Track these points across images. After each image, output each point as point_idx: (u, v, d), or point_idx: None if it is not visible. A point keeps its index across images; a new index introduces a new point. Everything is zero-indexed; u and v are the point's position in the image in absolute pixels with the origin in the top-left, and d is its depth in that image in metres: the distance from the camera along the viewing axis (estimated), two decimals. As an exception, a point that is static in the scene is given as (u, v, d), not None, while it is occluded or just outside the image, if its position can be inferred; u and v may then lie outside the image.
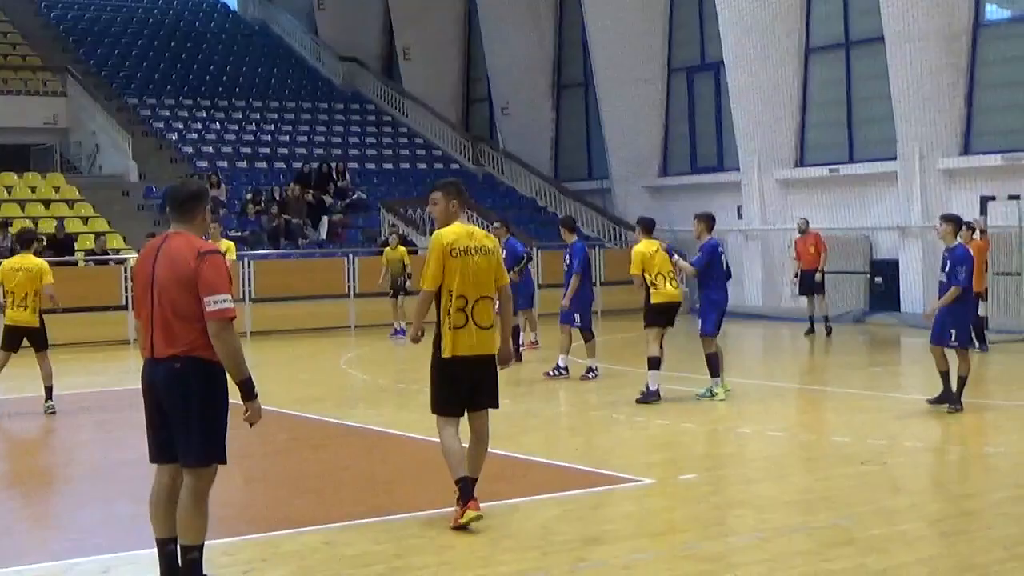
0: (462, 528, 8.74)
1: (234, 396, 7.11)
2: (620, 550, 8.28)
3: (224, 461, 7.18)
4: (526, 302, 20.81)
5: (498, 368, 9.28)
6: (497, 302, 9.27)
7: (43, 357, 15.92)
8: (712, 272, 15.79)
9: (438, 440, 8.86)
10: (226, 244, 18.59)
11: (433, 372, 9.15)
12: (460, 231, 9.18)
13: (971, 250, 20.73)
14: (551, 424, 14.43)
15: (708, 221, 16.26)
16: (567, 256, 18.26)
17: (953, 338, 13.88)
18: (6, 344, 15.87)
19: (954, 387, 13.91)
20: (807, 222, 25.80)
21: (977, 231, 21.65)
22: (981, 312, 21.55)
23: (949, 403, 13.85)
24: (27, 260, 15.89)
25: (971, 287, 14.05)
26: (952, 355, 14.02)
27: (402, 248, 26.28)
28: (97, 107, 35.95)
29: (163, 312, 7.04)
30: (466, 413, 9.20)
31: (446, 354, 8.99)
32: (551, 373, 17.68)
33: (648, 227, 16.24)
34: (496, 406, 9.28)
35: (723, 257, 15.99)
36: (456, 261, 9.00)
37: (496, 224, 21.49)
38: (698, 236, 16.21)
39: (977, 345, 20.85)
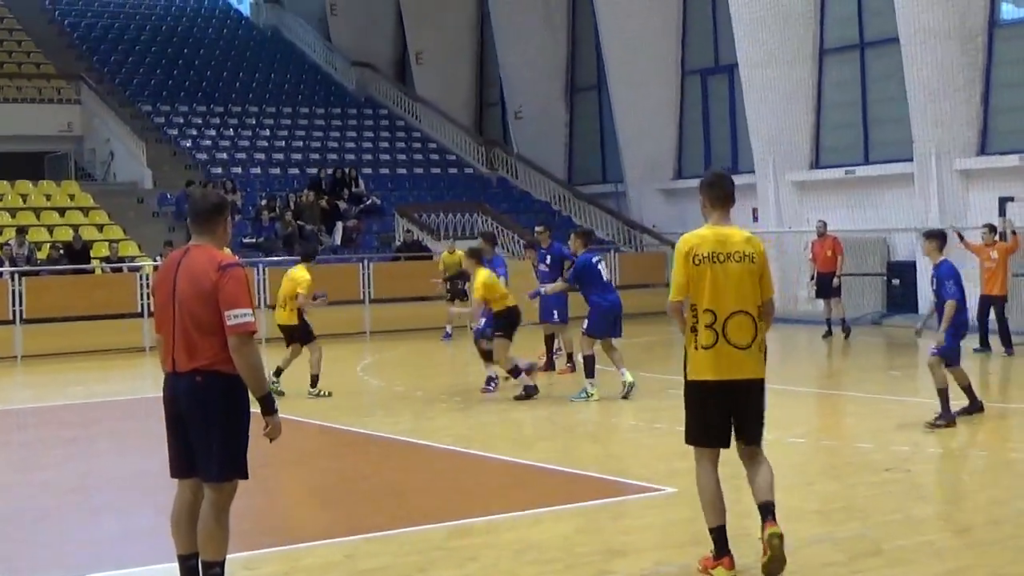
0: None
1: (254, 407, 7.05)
2: (644, 562, 8.20)
3: (246, 476, 7.11)
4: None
5: None
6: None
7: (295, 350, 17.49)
8: (592, 282, 16.44)
9: (457, 448, 8.57)
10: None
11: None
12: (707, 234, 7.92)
13: (995, 252, 20.74)
14: (569, 432, 14.33)
15: (584, 237, 17.28)
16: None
17: (938, 349, 13.46)
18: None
19: (961, 399, 13.70)
20: (825, 225, 25.67)
21: (1006, 232, 21.48)
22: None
23: (973, 411, 13.66)
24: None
25: (963, 299, 13.72)
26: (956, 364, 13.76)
27: (460, 252, 25.82)
28: (111, 114, 35.95)
29: (184, 326, 6.97)
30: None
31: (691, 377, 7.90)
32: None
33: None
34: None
35: (599, 266, 16.70)
36: (700, 269, 7.79)
37: (539, 229, 21.15)
38: (574, 251, 17.15)
39: (1004, 349, 20.68)
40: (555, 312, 19.16)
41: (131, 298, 25.83)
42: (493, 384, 17.13)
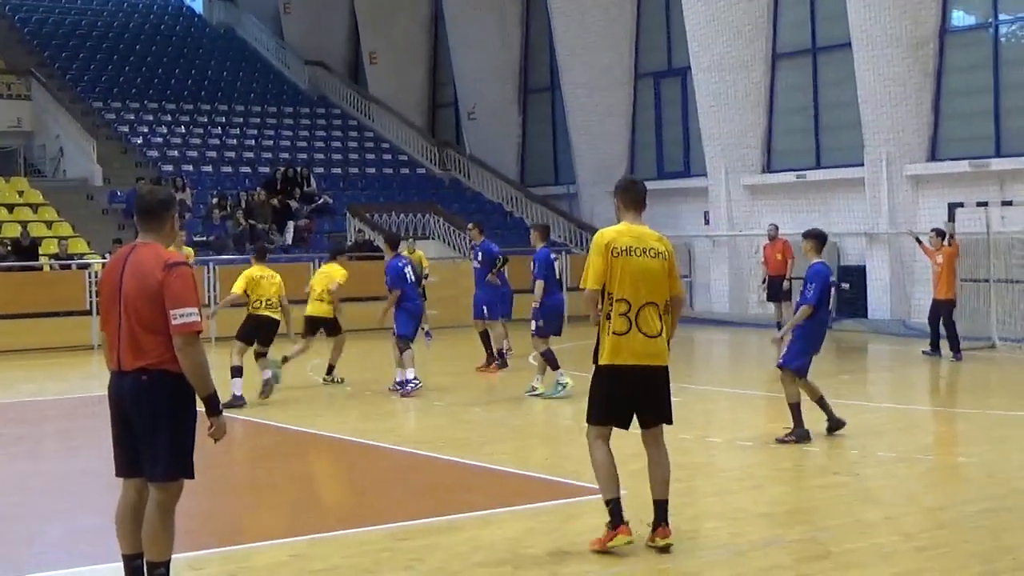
0: (602, 549, 8.28)
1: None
2: (593, 565, 8.16)
3: (191, 476, 7.04)
4: (507, 307, 20.69)
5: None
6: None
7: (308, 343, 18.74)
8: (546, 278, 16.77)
9: (406, 449, 8.64)
10: (187, 251, 18.66)
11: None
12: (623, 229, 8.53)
13: (940, 257, 20.98)
14: (520, 433, 14.30)
15: (542, 231, 17.75)
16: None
17: (786, 359, 12.85)
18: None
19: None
20: (777, 228, 25.78)
21: (947, 237, 21.71)
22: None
23: (835, 427, 12.90)
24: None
25: (819, 307, 12.73)
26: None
27: (420, 252, 25.77)
28: (61, 110, 35.65)
29: (130, 324, 6.89)
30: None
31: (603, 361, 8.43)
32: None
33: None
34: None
35: (555, 264, 17.30)
36: (619, 261, 8.36)
37: (470, 226, 21.45)
38: (534, 245, 17.38)
39: (952, 355, 20.84)
40: (484, 308, 19.58)
41: (80, 296, 25.62)
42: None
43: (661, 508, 8.42)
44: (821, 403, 12.97)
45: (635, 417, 8.55)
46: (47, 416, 16.61)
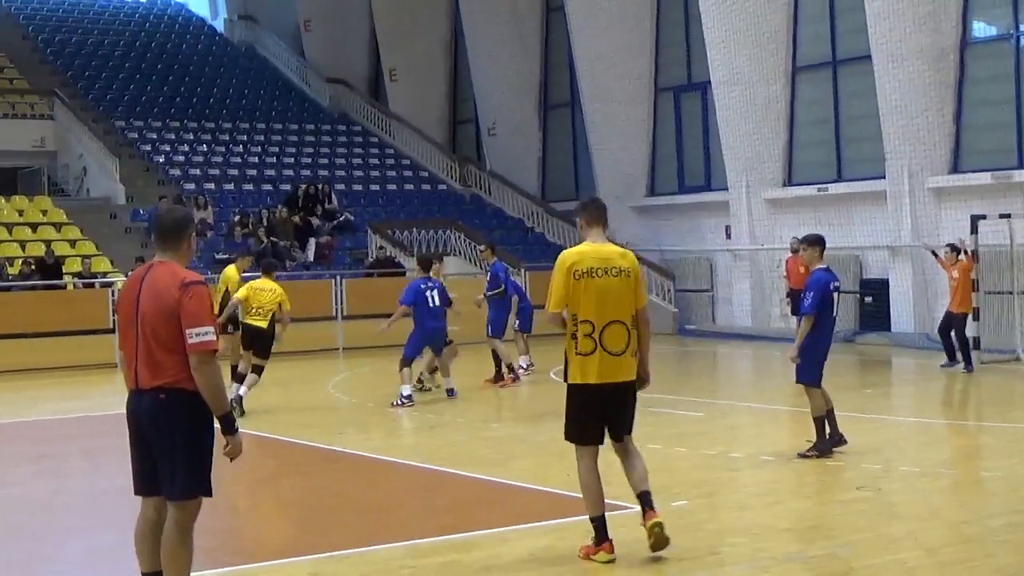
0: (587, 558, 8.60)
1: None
2: (614, 581, 8.14)
3: (209, 494, 7.03)
4: (526, 323, 21.14)
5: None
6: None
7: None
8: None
9: (427, 466, 8.71)
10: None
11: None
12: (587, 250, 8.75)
13: (956, 271, 20.98)
14: (541, 449, 14.27)
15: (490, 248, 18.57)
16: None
17: (799, 375, 12.75)
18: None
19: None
20: (799, 241, 25.65)
21: (963, 251, 21.69)
22: (971, 332, 21.53)
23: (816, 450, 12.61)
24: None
25: (822, 315, 12.53)
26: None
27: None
28: (84, 130, 35.84)
29: (147, 343, 6.90)
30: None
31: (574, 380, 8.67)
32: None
33: None
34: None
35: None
36: (581, 283, 8.55)
37: (482, 248, 21.53)
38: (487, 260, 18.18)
39: (963, 366, 20.80)
40: (489, 326, 20.15)
41: (103, 314, 25.67)
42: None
43: (646, 497, 8.63)
44: (829, 415, 12.81)
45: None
46: (70, 434, 16.65)
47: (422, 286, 17.95)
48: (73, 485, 12.98)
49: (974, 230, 22.94)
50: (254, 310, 17.16)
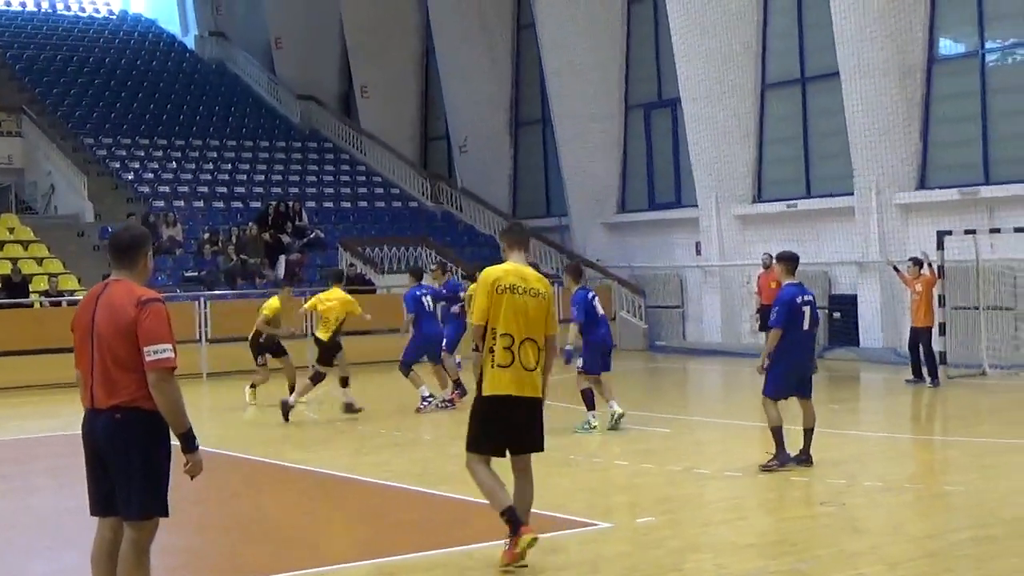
0: (517, 561, 8.78)
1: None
2: (577, 598, 8.14)
3: (166, 514, 7.00)
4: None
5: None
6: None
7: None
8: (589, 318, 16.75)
9: (395, 484, 8.80)
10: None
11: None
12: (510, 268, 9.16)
13: (919, 285, 21.09)
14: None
15: (575, 272, 17.62)
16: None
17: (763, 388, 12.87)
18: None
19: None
20: (771, 257, 25.71)
21: (924, 265, 21.83)
22: (938, 347, 21.64)
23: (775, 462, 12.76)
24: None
25: (790, 329, 12.63)
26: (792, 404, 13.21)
27: None
28: (52, 147, 35.68)
29: (103, 362, 6.87)
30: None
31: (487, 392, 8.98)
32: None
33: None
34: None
35: (595, 302, 16.86)
36: (503, 298, 8.94)
37: (433, 267, 21.67)
38: (568, 287, 17.37)
39: (929, 381, 20.89)
40: (445, 342, 19.95)
41: (70, 333, 25.47)
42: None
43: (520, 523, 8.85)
44: (807, 433, 13.03)
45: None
46: (36, 454, 16.58)
47: (418, 292, 19.13)
48: (36, 504, 12.91)
49: (940, 246, 23.10)
50: (321, 320, 18.42)
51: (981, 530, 9.92)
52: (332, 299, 18.62)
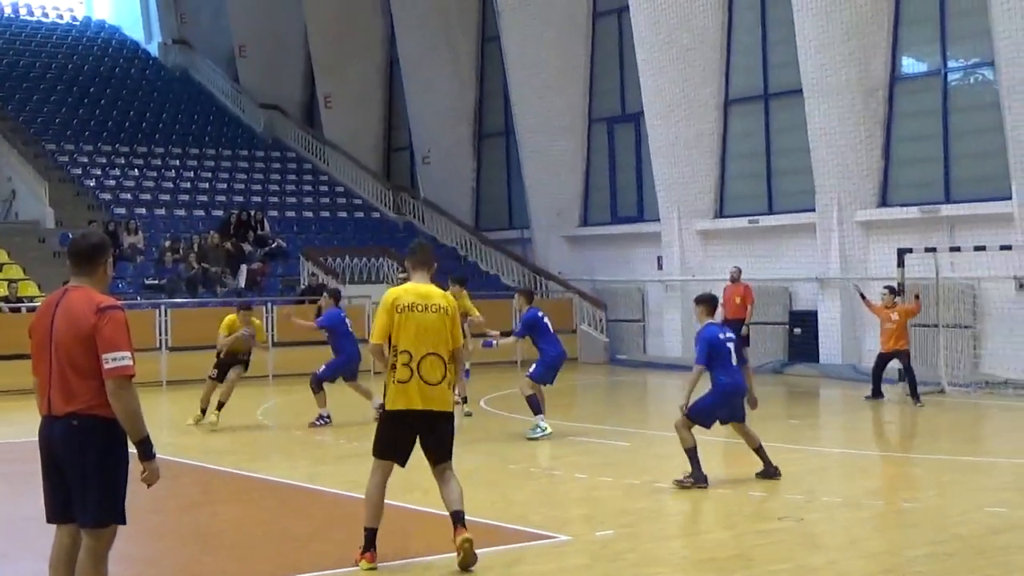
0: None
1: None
2: (534, 610, 8.13)
3: (123, 522, 6.95)
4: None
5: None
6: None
7: None
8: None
9: (355, 495, 8.94)
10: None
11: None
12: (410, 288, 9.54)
13: (896, 314, 20.89)
14: (467, 478, 14.22)
15: (526, 295, 18.21)
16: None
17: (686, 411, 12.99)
18: None
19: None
20: (740, 271, 25.88)
21: (910, 296, 21.77)
22: (896, 364, 21.69)
23: (769, 475, 13.06)
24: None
25: (720, 365, 12.83)
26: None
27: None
28: (14, 153, 35.47)
29: (61, 369, 6.83)
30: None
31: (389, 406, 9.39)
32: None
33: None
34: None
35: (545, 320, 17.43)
36: (402, 316, 9.31)
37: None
38: (519, 308, 17.91)
39: (913, 400, 20.72)
40: None
41: (28, 339, 25.33)
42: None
43: (458, 515, 9.34)
44: (759, 452, 13.17)
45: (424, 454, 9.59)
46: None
47: (340, 313, 19.16)
48: (-6, 512, 12.81)
49: (900, 263, 23.26)
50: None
51: (937, 546, 9.96)
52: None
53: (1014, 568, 9.31)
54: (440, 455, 9.51)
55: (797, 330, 28.25)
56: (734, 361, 13.07)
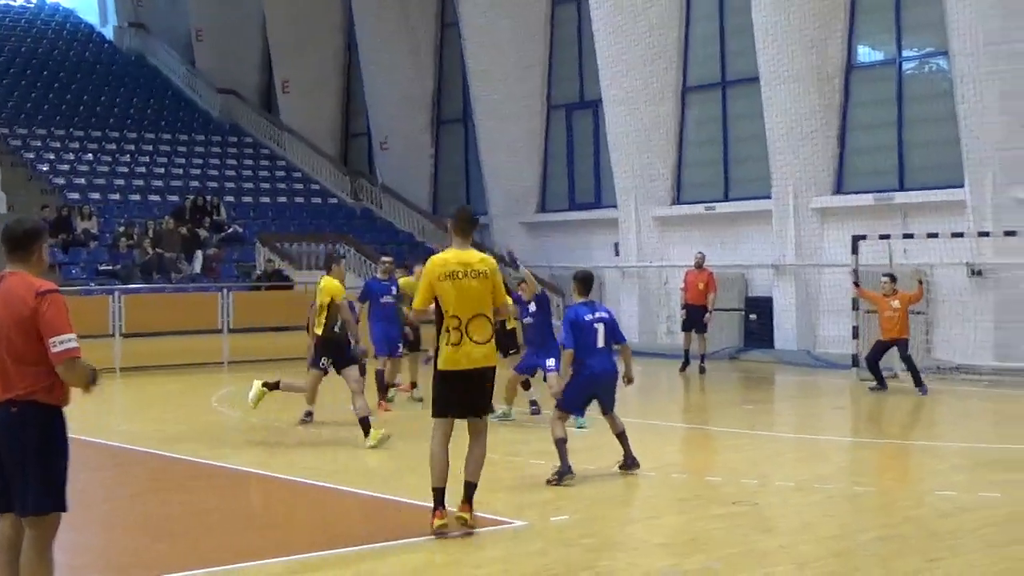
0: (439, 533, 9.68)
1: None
2: (488, 596, 8.15)
3: (64, 509, 6.90)
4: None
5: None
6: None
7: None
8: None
9: (310, 482, 8.96)
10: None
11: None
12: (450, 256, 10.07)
13: (896, 302, 20.81)
14: (425, 466, 14.21)
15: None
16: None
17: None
18: None
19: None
20: (704, 257, 25.79)
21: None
22: (850, 350, 21.83)
23: (629, 467, 12.85)
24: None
25: (583, 346, 12.59)
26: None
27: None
28: (-35, 137, 35.16)
29: (0, 355, 6.78)
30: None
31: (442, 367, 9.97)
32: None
33: None
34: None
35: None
36: (444, 284, 9.88)
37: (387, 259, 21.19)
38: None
39: (917, 389, 20.60)
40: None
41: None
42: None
43: (470, 488, 9.98)
44: (620, 438, 12.97)
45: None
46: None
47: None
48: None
49: (855, 250, 23.38)
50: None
51: (889, 529, 10.05)
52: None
53: (964, 550, 9.40)
54: (479, 409, 10.09)
55: (752, 316, 28.35)
56: (600, 343, 12.81)
